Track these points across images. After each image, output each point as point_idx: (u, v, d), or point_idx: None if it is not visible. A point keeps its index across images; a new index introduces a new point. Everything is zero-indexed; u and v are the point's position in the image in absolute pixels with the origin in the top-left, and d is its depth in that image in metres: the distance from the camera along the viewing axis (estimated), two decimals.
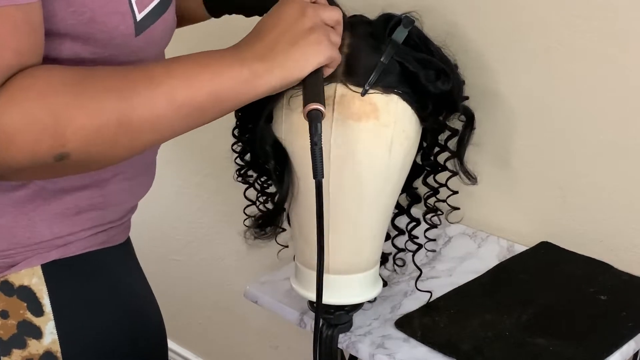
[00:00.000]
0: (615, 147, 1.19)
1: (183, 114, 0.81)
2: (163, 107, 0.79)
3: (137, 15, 0.83)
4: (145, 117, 0.79)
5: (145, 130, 0.80)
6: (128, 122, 0.78)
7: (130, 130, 0.78)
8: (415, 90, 0.97)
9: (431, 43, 1.01)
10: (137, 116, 0.78)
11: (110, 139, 0.78)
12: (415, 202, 1.10)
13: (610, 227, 1.23)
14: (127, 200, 1.00)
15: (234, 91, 0.83)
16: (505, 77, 1.27)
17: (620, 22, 1.13)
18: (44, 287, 0.91)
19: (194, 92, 0.81)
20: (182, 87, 0.80)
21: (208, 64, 0.82)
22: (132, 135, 0.79)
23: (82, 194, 0.93)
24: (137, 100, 0.78)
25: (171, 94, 0.80)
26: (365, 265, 1.05)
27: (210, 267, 2.04)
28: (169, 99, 0.79)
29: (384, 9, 1.02)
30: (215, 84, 0.82)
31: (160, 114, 0.79)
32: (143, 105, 0.78)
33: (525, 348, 1.04)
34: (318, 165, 0.82)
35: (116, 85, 0.79)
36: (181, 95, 0.80)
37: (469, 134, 1.05)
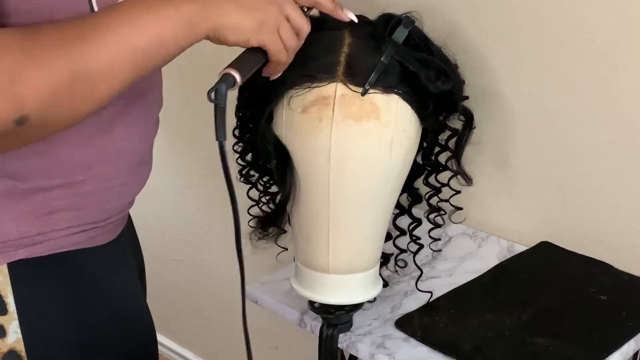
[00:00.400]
0: (615, 146, 1.19)
1: (133, 59, 0.81)
2: (113, 53, 0.79)
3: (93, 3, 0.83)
4: (98, 65, 0.79)
5: (100, 80, 0.80)
6: (82, 73, 0.78)
7: (84, 82, 0.79)
8: (415, 90, 0.97)
9: (431, 43, 1.01)
10: (88, 67, 0.78)
11: (67, 93, 0.78)
12: (416, 202, 1.10)
13: (610, 227, 1.23)
14: (111, 201, 0.99)
15: (179, 32, 0.83)
16: (505, 77, 1.27)
17: (620, 22, 1.13)
18: (9, 286, 0.90)
19: (139, 36, 0.81)
20: (127, 33, 0.80)
21: (152, 5, 0.82)
22: (87, 87, 0.79)
23: (56, 194, 0.92)
24: (87, 50, 0.78)
25: (118, 40, 0.80)
26: (366, 265, 1.05)
27: (210, 267, 2.04)
28: (118, 45, 0.80)
29: (384, 9, 1.02)
30: (158, 28, 0.81)
31: (112, 61, 0.80)
32: (94, 54, 0.79)
33: (525, 348, 1.04)
34: (219, 127, 0.81)
35: (63, 39, 0.78)
36: (128, 41, 0.80)
37: (468, 134, 1.06)
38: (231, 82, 0.82)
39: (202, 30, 0.84)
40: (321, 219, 1.00)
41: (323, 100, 0.94)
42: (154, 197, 2.06)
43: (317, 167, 0.97)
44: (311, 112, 0.95)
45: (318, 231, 1.02)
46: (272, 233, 1.09)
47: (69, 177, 0.92)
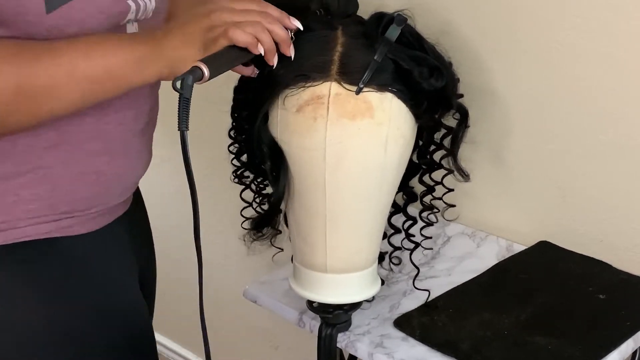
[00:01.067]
0: (614, 146, 1.19)
1: (80, 85, 0.86)
2: (62, 76, 0.84)
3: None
4: (44, 85, 0.83)
5: (44, 97, 0.84)
6: (27, 88, 0.83)
7: (29, 96, 0.83)
8: (409, 88, 0.98)
9: (424, 41, 1.01)
10: (36, 83, 0.83)
11: (9, 103, 0.82)
12: (412, 201, 1.10)
13: (610, 227, 1.23)
14: (86, 191, 0.99)
15: (125, 70, 0.87)
16: (502, 75, 1.27)
17: (620, 22, 1.13)
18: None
19: (90, 65, 0.85)
20: (80, 60, 0.85)
21: (107, 43, 0.87)
22: (31, 101, 0.84)
23: (22, 181, 0.93)
24: (37, 68, 0.83)
25: (70, 64, 0.84)
26: (363, 264, 1.05)
27: (210, 267, 2.03)
28: (68, 69, 0.84)
29: (377, 8, 1.02)
30: (109, 61, 0.86)
31: (58, 84, 0.84)
32: (42, 74, 0.83)
33: (524, 347, 1.04)
34: (181, 117, 0.83)
35: (18, 54, 0.83)
36: (79, 68, 0.85)
37: (463, 132, 1.06)
38: (199, 75, 0.83)
39: (154, 70, 0.88)
40: (318, 218, 1.00)
41: (317, 99, 0.94)
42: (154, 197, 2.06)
43: (312, 166, 0.97)
44: (306, 111, 0.95)
45: (315, 231, 1.02)
46: (267, 234, 1.09)
47: (35, 162, 0.93)
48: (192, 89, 0.82)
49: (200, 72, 0.83)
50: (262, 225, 1.08)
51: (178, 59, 0.87)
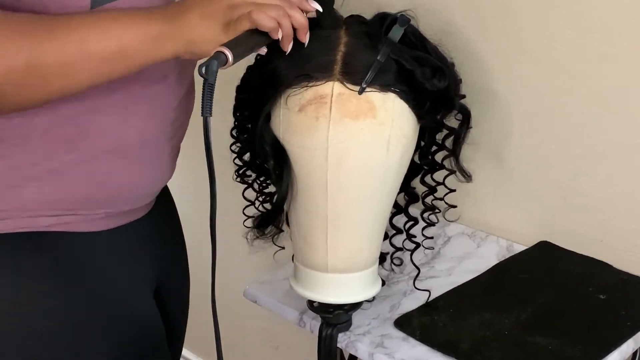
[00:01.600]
0: (614, 146, 1.19)
1: (93, 63, 0.83)
2: (73, 53, 0.82)
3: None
4: (55, 61, 0.81)
5: (55, 74, 0.82)
6: (38, 65, 0.81)
7: (39, 72, 0.81)
8: (412, 88, 0.98)
9: (427, 41, 1.01)
10: (48, 60, 0.81)
11: (19, 79, 0.81)
12: (413, 202, 1.10)
13: (610, 227, 1.23)
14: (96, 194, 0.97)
15: (140, 48, 0.84)
16: (503, 76, 1.27)
17: (620, 22, 1.13)
18: None
19: (104, 43, 0.83)
20: (93, 37, 0.82)
21: (122, 19, 0.84)
22: (41, 78, 0.82)
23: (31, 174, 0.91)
24: (48, 45, 0.81)
25: (82, 41, 0.82)
26: (364, 264, 1.05)
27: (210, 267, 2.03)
28: (80, 46, 0.82)
29: (380, 8, 1.02)
30: (123, 38, 0.83)
31: (70, 60, 0.82)
32: (54, 50, 0.81)
33: (524, 347, 1.04)
34: (205, 103, 0.82)
35: (31, 29, 0.81)
36: (91, 45, 0.82)
37: (465, 132, 1.06)
38: (223, 60, 0.82)
39: (169, 48, 0.85)
40: (319, 218, 1.00)
41: (320, 99, 0.94)
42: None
43: (314, 166, 0.97)
44: (308, 111, 0.95)
45: (316, 230, 1.02)
46: (269, 233, 1.09)
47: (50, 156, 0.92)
48: (216, 75, 0.81)
49: (224, 57, 0.82)
50: (265, 224, 1.08)
51: (197, 37, 0.85)
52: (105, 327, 1.00)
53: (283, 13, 0.87)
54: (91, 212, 0.98)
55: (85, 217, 0.98)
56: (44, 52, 0.81)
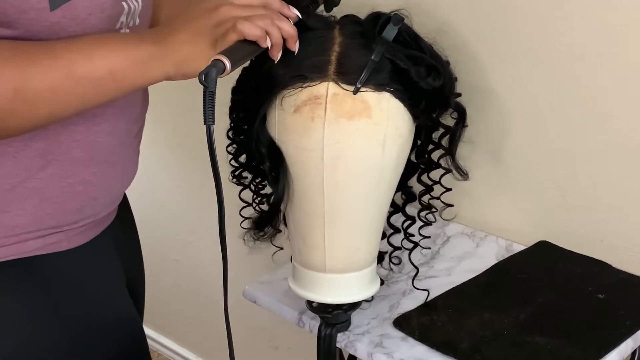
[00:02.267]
0: (614, 146, 1.19)
1: (80, 88, 0.82)
2: (60, 79, 0.80)
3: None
4: (42, 87, 0.80)
5: (42, 101, 0.81)
6: (24, 92, 0.79)
7: (26, 99, 0.80)
8: (406, 87, 0.98)
9: (421, 40, 1.01)
10: (34, 86, 0.79)
11: (6, 107, 0.79)
12: (410, 201, 1.10)
13: (609, 226, 1.23)
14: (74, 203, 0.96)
15: (129, 71, 0.83)
16: (502, 75, 1.27)
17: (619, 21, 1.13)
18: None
19: (91, 66, 0.82)
20: (80, 61, 0.81)
21: (110, 42, 0.84)
22: (28, 105, 0.80)
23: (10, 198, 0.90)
24: (34, 70, 0.79)
25: (69, 66, 0.81)
26: (362, 264, 1.05)
27: (210, 267, 2.04)
28: (67, 71, 0.81)
29: (374, 8, 1.02)
30: (112, 61, 0.82)
31: (57, 86, 0.81)
32: (40, 76, 0.80)
33: (523, 347, 1.04)
34: (207, 111, 0.81)
35: (15, 55, 0.79)
36: (79, 69, 0.81)
37: (461, 131, 1.06)
38: (221, 68, 0.82)
39: (159, 70, 0.85)
40: (316, 218, 1.00)
41: (315, 99, 0.94)
42: (153, 197, 2.06)
43: (310, 166, 0.97)
44: (303, 111, 0.95)
45: (314, 231, 1.02)
46: (267, 234, 1.09)
47: (24, 175, 0.90)
48: (216, 82, 0.81)
49: (222, 65, 0.82)
50: (263, 225, 1.08)
51: (187, 56, 0.85)
52: (101, 339, 1.01)
53: (270, 22, 0.87)
54: (72, 226, 0.97)
55: (67, 232, 0.97)
56: (31, 79, 0.80)
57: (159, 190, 2.03)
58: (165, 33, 0.86)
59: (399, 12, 0.98)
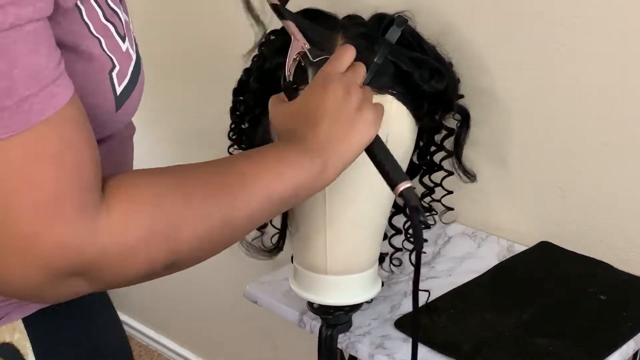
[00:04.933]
0: (615, 146, 1.19)
1: (273, 206, 0.82)
2: (258, 204, 0.80)
3: (117, 89, 0.79)
4: (244, 215, 0.80)
5: (243, 226, 0.81)
6: (231, 222, 0.78)
7: (232, 230, 0.79)
8: (409, 90, 0.97)
9: (425, 42, 1.01)
10: (238, 216, 0.79)
11: (215, 239, 0.78)
12: None
13: (610, 227, 1.23)
14: None
15: (311, 184, 0.84)
16: (503, 76, 1.26)
17: (620, 22, 1.13)
18: (27, 342, 0.85)
19: (282, 188, 0.82)
20: (273, 184, 0.81)
21: (288, 160, 0.83)
22: (232, 233, 0.80)
23: None
24: (237, 201, 0.79)
25: (265, 192, 0.81)
26: (364, 265, 1.05)
27: (211, 267, 2.03)
28: (264, 196, 0.80)
29: (377, 9, 1.02)
30: (297, 179, 0.83)
31: (256, 211, 0.80)
32: (242, 205, 0.79)
33: (525, 348, 1.04)
34: (420, 241, 0.82)
35: (216, 187, 0.79)
36: (274, 192, 0.81)
37: (465, 133, 1.05)
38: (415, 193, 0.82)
39: (331, 178, 0.85)
40: (318, 220, 1.00)
41: None
42: None
43: None
44: None
45: (315, 232, 1.01)
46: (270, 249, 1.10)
47: None
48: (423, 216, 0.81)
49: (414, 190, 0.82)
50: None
51: (353, 151, 0.86)
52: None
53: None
54: None
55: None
56: (234, 208, 0.79)
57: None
58: (325, 137, 0.85)
59: (402, 14, 0.98)
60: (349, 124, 0.85)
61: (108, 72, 0.76)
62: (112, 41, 0.77)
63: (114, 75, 0.77)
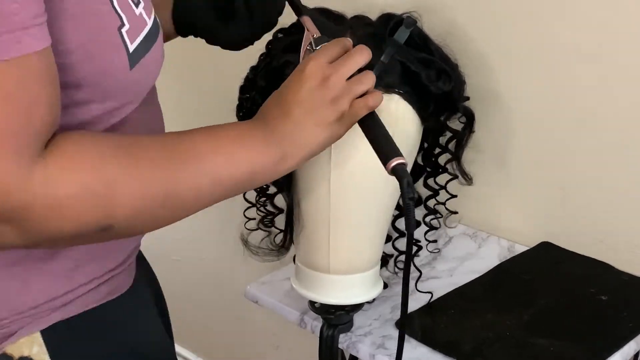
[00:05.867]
0: (615, 147, 1.19)
1: (223, 188, 0.82)
2: (206, 182, 0.80)
3: (130, 46, 0.79)
4: (190, 190, 0.79)
5: (188, 202, 0.80)
6: (174, 195, 0.78)
7: (175, 202, 0.78)
8: (416, 90, 0.97)
9: (432, 43, 1.01)
10: (183, 189, 0.78)
11: (155, 210, 0.77)
12: (416, 205, 1.09)
13: (610, 227, 1.23)
14: (127, 240, 0.93)
15: (268, 170, 0.84)
16: (505, 77, 1.27)
17: (622, 23, 1.13)
18: (47, 355, 0.84)
19: (234, 170, 0.81)
20: (225, 165, 0.81)
21: (246, 143, 0.83)
22: (175, 206, 0.79)
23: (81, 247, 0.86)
24: (182, 176, 0.78)
25: (215, 171, 0.80)
26: (366, 266, 1.05)
27: (210, 267, 2.04)
28: (213, 176, 0.80)
29: (383, 9, 1.02)
30: (253, 164, 0.82)
31: (203, 189, 0.80)
32: (188, 180, 0.79)
33: (525, 348, 1.04)
34: (411, 220, 0.81)
35: (163, 158, 0.78)
36: (224, 174, 0.81)
37: (468, 135, 1.05)
38: (407, 170, 0.82)
39: (291, 165, 0.85)
40: (322, 219, 1.00)
41: None
42: None
43: (317, 168, 0.97)
44: None
45: (319, 232, 1.01)
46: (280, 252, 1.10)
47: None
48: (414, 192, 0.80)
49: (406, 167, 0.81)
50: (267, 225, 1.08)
51: (319, 144, 0.85)
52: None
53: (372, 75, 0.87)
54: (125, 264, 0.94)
55: (122, 274, 0.93)
56: (179, 182, 0.78)
57: None
58: (292, 126, 0.84)
59: (411, 15, 0.98)
60: (319, 117, 0.84)
61: (117, 28, 0.77)
62: (124, 1, 0.78)
63: (124, 32, 0.78)
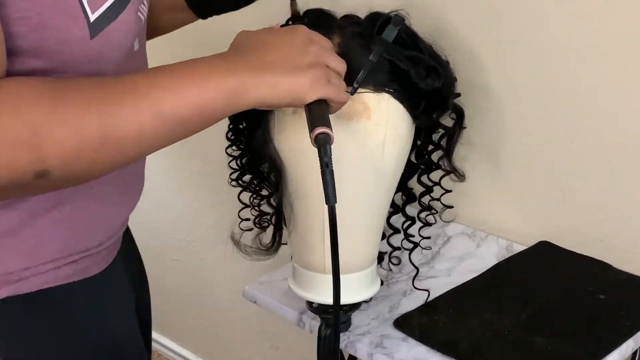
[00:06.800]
0: (614, 146, 1.19)
1: (167, 126, 0.77)
2: (147, 120, 0.75)
3: (90, 15, 0.77)
4: (129, 131, 0.75)
5: (129, 144, 0.76)
6: (111, 137, 0.74)
7: (113, 144, 0.74)
8: (406, 88, 0.97)
9: (421, 40, 1.01)
10: (121, 130, 0.74)
11: (92, 154, 0.74)
12: (411, 201, 1.10)
13: (609, 227, 1.23)
14: (101, 224, 0.93)
15: (218, 105, 0.79)
16: (502, 75, 1.27)
17: (619, 20, 1.13)
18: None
19: (179, 104, 0.77)
20: (167, 100, 0.76)
21: (194, 74, 0.78)
22: (115, 149, 0.75)
23: (44, 222, 0.86)
24: (120, 114, 0.74)
25: (156, 106, 0.76)
26: (362, 264, 1.05)
27: (210, 267, 2.04)
28: (154, 112, 0.75)
29: (371, 8, 1.02)
30: (200, 97, 0.78)
31: (145, 128, 0.76)
32: (127, 119, 0.74)
33: (523, 347, 1.04)
34: (330, 190, 0.79)
35: (97, 98, 0.74)
36: (167, 108, 0.76)
37: (458, 132, 1.05)
38: (329, 139, 0.80)
39: (250, 101, 0.80)
40: (316, 219, 1.00)
41: None
42: (153, 198, 2.06)
43: (310, 167, 0.96)
44: (302, 113, 0.95)
45: (313, 232, 1.01)
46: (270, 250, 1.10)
47: (57, 197, 0.86)
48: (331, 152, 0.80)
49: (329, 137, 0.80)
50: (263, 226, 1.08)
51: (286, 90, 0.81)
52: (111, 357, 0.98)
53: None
54: (98, 248, 0.94)
55: (94, 257, 0.93)
56: (116, 122, 0.74)
57: (158, 191, 2.03)
58: (260, 61, 0.80)
59: (398, 13, 0.98)
60: (289, 70, 0.81)
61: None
62: None
63: (84, 1, 0.76)
